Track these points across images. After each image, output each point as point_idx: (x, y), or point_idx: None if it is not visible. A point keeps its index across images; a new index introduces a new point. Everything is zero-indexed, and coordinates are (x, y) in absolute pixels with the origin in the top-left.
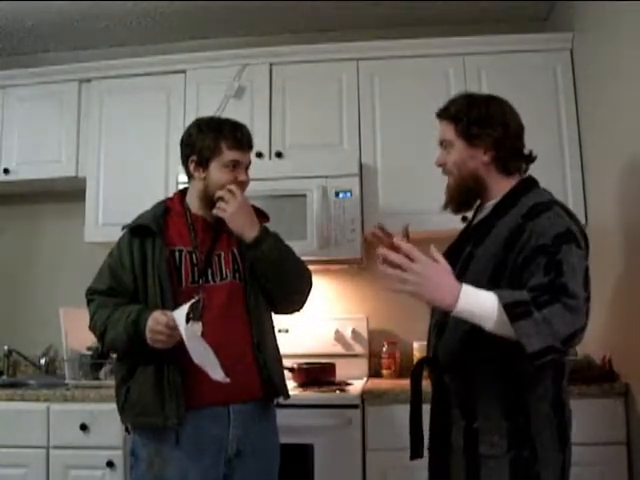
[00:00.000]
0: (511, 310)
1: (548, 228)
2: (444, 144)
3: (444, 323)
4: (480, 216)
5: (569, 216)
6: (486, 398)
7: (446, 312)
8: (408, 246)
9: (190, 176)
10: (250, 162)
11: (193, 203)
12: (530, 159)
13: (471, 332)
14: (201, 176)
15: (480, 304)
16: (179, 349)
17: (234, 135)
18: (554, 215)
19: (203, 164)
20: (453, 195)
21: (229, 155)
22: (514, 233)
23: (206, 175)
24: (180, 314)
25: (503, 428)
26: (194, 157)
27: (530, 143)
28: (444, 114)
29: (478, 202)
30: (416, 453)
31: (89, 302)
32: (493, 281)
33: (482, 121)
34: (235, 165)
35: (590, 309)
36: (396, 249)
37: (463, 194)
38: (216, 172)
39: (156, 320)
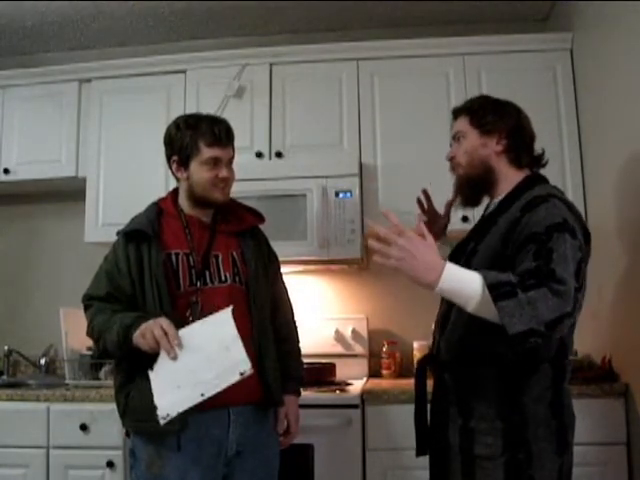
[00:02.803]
0: (495, 290)
1: (543, 218)
2: (457, 136)
3: (447, 319)
4: (486, 213)
5: (569, 208)
6: (483, 397)
7: (448, 306)
8: (396, 220)
9: (175, 177)
10: (233, 156)
11: (184, 204)
12: (541, 160)
13: (470, 329)
14: (184, 176)
15: (463, 283)
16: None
17: (211, 131)
18: (552, 206)
19: (184, 164)
20: (461, 187)
21: (208, 152)
22: (512, 226)
23: (188, 175)
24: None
25: (498, 429)
26: (175, 157)
27: None
28: (460, 109)
29: (488, 200)
30: (422, 450)
31: (86, 308)
32: None
33: (497, 112)
34: (215, 162)
35: (582, 301)
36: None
37: (472, 185)
38: (197, 171)
39: (158, 322)
